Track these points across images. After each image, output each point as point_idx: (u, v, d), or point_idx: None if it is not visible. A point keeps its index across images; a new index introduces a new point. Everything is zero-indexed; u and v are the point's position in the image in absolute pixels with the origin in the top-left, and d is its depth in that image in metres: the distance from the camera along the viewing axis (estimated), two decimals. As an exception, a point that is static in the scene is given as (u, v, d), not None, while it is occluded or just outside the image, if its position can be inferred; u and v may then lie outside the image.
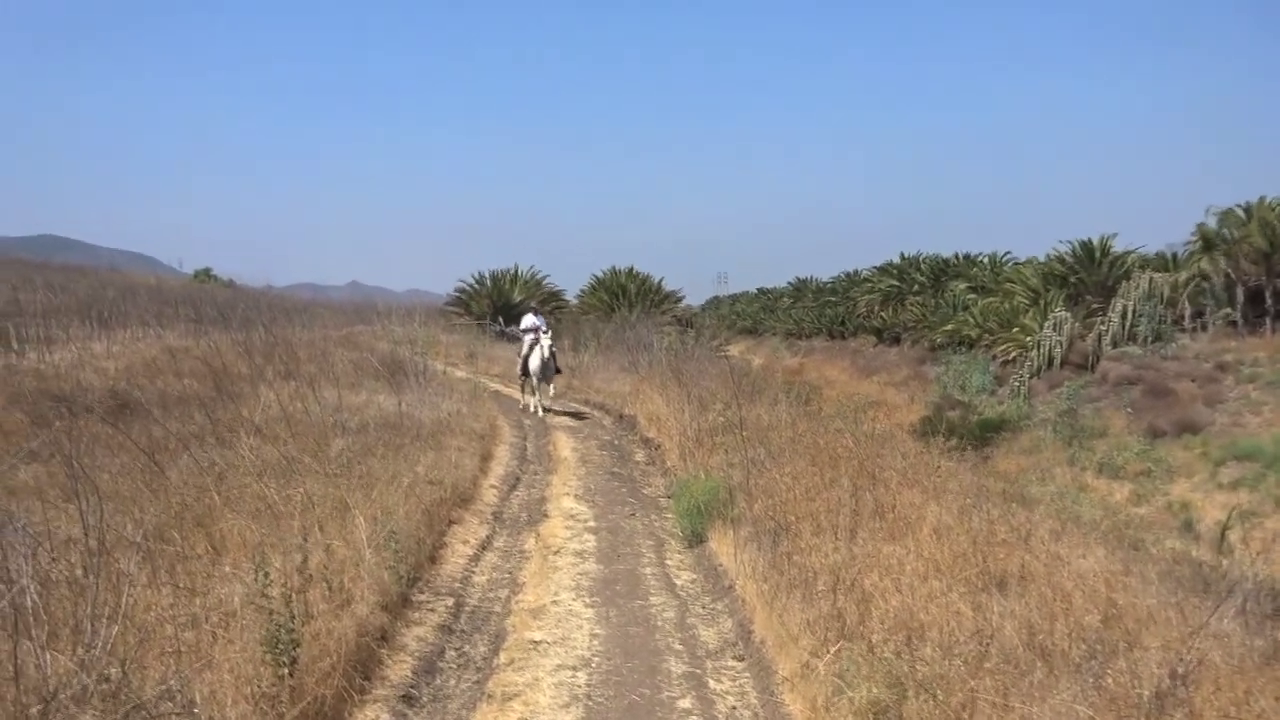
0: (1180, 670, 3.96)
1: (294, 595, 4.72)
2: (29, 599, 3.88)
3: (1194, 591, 6.33)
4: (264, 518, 5.98)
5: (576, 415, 16.73)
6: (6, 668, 3.46)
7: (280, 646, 4.32)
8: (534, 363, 15.93)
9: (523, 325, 16.93)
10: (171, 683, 3.68)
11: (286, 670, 4.31)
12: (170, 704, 3.60)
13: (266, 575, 4.69)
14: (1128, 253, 34.89)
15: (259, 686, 4.09)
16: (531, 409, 16.22)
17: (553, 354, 16.17)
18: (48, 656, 3.60)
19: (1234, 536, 14.31)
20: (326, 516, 6.33)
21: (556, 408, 16.98)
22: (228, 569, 5.13)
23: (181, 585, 4.85)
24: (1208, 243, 30.40)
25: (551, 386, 16.75)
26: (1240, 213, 30.07)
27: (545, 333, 15.87)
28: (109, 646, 3.73)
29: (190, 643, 4.22)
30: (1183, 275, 30.54)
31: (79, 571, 4.48)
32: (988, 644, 4.31)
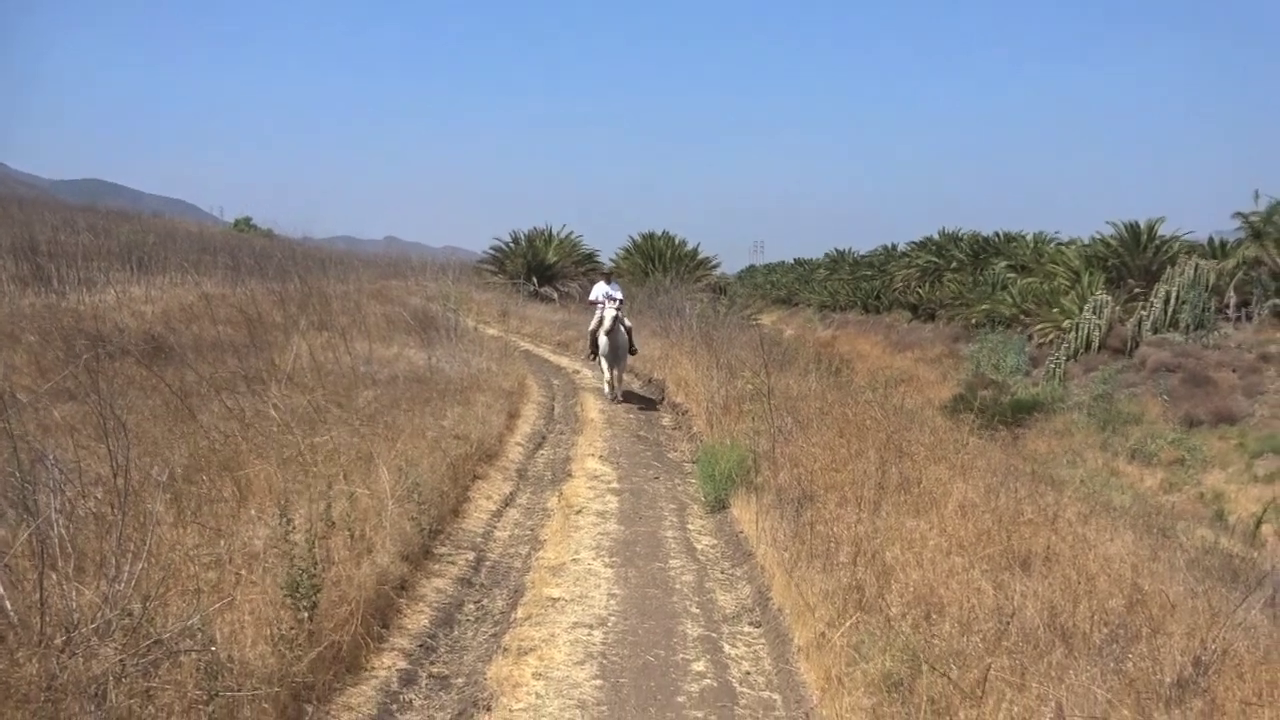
0: (1204, 658, 3.90)
1: (316, 541, 4.77)
2: (56, 532, 3.94)
3: (1222, 581, 6.25)
4: (290, 464, 6.04)
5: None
6: (33, 597, 3.53)
7: (301, 591, 4.37)
8: (602, 339, 13.51)
9: (592, 295, 14.58)
10: (192, 620, 3.72)
11: (306, 614, 4.36)
12: (190, 641, 3.64)
13: (290, 520, 4.73)
14: (1174, 238, 34.20)
15: (278, 629, 4.14)
16: (606, 393, 13.95)
17: (626, 328, 13.69)
18: (73, 589, 3.66)
19: (1267, 529, 14.11)
20: (351, 466, 6.37)
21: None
22: (253, 513, 5.18)
23: (207, 526, 4.91)
24: (1256, 231, 29.72)
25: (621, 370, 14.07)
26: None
27: (611, 301, 13.47)
28: (133, 582, 3.78)
29: (212, 582, 4.27)
30: (1230, 263, 29.91)
31: (106, 509, 4.54)
32: (1008, 622, 4.27)
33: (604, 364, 13.89)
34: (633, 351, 14.35)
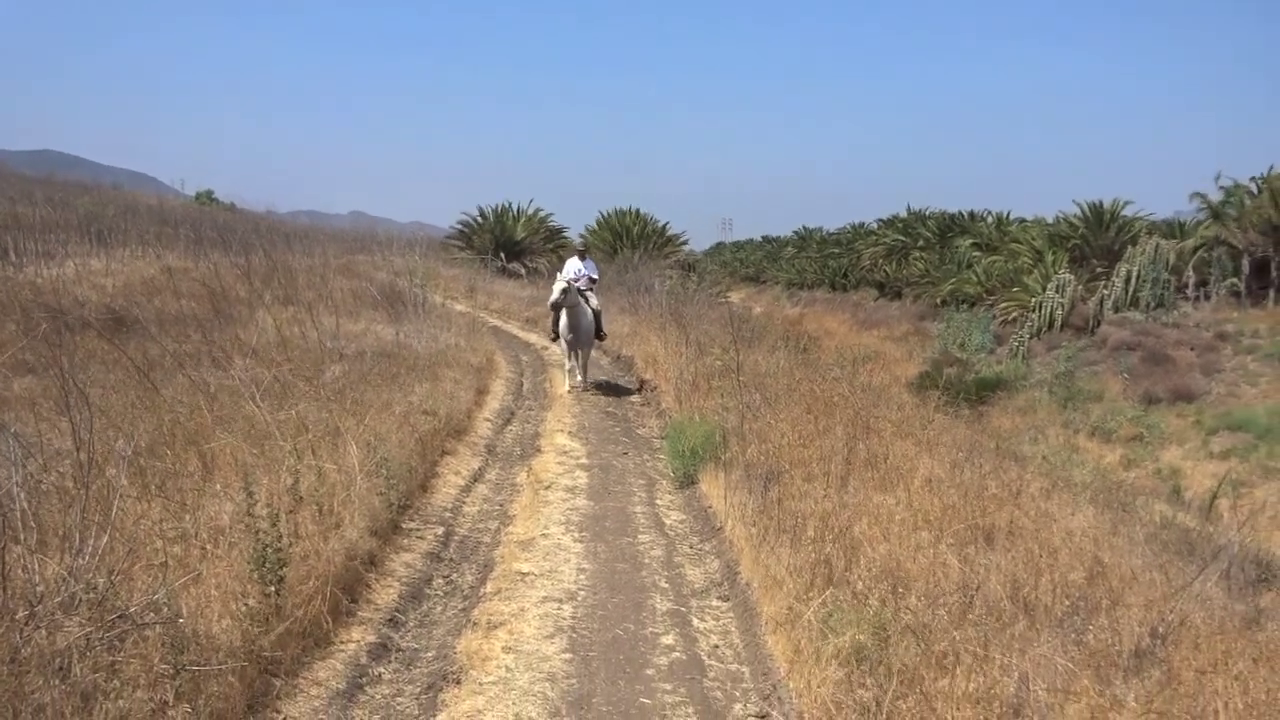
0: (1161, 629, 3.99)
1: (283, 516, 4.74)
2: (17, 505, 3.88)
3: (1179, 555, 6.39)
4: (256, 439, 5.98)
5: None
6: (-6, 570, 3.47)
7: (267, 565, 4.34)
8: (562, 322, 12.07)
9: (565, 272, 12.64)
10: (158, 595, 3.69)
11: (273, 588, 4.33)
12: (155, 615, 3.61)
13: (255, 495, 4.69)
14: (1136, 218, 34.63)
15: (245, 603, 4.11)
16: (569, 384, 12.55)
17: (595, 310, 12.39)
18: (36, 562, 3.61)
19: (1222, 504, 14.41)
20: (319, 440, 6.33)
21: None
22: (218, 487, 5.13)
23: (172, 500, 4.86)
24: (1215, 212, 30.19)
25: (580, 357, 12.65)
26: (1252, 186, 29.84)
27: (561, 281, 12.02)
28: (97, 556, 3.74)
29: (178, 557, 4.23)
30: (1190, 243, 30.37)
31: (69, 482, 4.48)
32: (972, 595, 4.33)
33: (565, 347, 12.54)
34: (601, 336, 13.10)
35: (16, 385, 7.40)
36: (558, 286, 11.90)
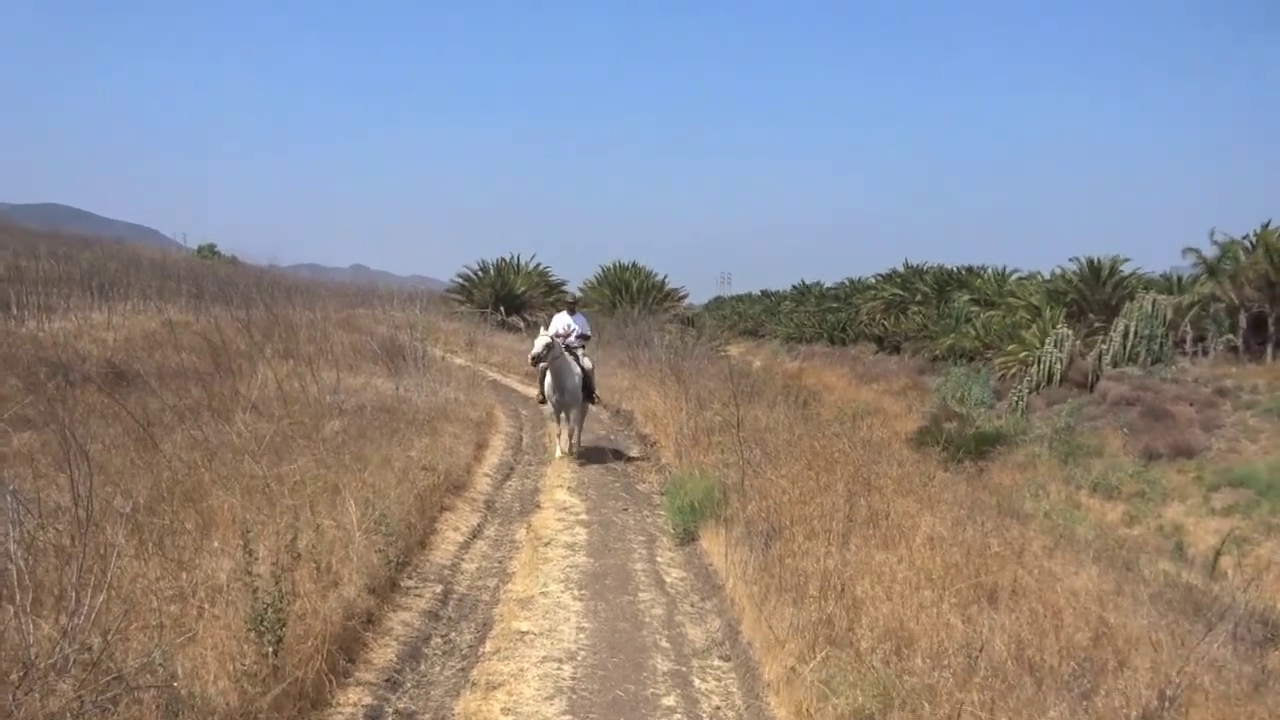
0: (1169, 693, 3.94)
1: (281, 574, 4.70)
2: (14, 564, 3.85)
3: (1185, 615, 6.33)
4: (254, 495, 5.95)
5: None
6: (-12, 632, 3.44)
7: (265, 625, 4.29)
8: (547, 381, 11.17)
9: (552, 328, 11.79)
10: (153, 655, 3.64)
11: (271, 649, 4.28)
12: (150, 677, 3.57)
13: (254, 553, 4.66)
14: (1132, 274, 34.91)
15: (241, 663, 4.06)
16: (558, 450, 11.66)
17: (585, 369, 11.57)
18: (30, 623, 3.57)
19: (1226, 562, 14.30)
20: (317, 497, 6.29)
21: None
22: (216, 545, 5.10)
23: (169, 559, 4.82)
24: (1211, 268, 30.42)
25: (577, 425, 11.90)
26: (1246, 243, 30.11)
27: (545, 336, 11.04)
28: (93, 616, 3.70)
29: (175, 616, 4.20)
30: (1186, 298, 30.54)
31: (66, 540, 4.45)
32: (976, 657, 4.28)
33: (553, 410, 11.60)
34: (593, 399, 12.23)
35: (16, 440, 7.38)
36: (540, 340, 10.99)
